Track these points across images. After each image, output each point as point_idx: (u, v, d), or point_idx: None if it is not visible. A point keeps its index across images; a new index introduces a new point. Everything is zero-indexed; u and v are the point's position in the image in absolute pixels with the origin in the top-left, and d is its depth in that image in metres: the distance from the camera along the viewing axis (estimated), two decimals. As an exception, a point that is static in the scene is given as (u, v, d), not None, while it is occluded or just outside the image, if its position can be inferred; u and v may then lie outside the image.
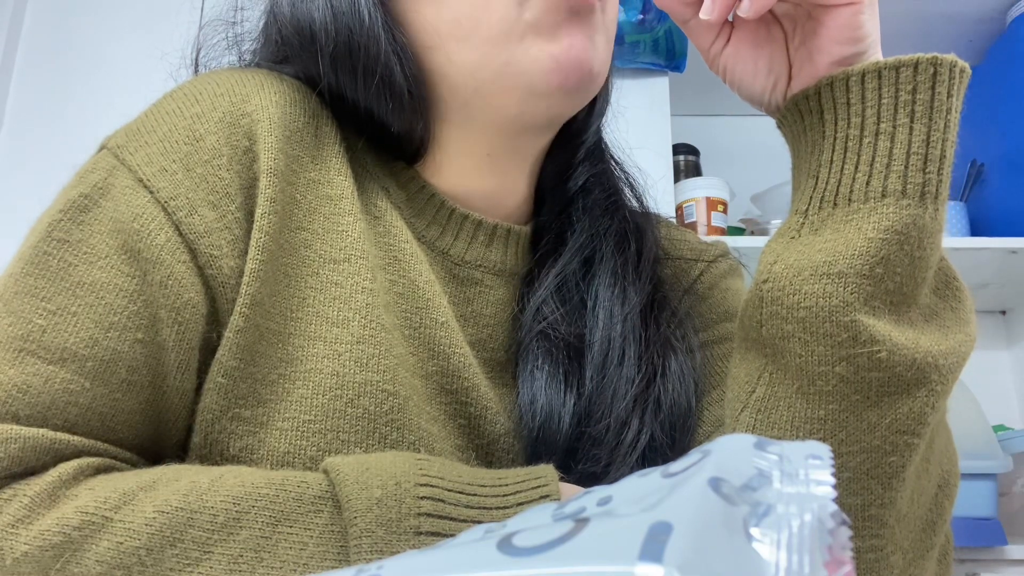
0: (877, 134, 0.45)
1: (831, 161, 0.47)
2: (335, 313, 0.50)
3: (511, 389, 0.57)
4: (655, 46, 1.59)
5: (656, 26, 1.57)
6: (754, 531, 0.18)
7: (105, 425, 0.47)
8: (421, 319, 0.54)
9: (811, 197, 0.47)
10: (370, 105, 0.55)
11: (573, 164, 0.64)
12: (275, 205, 0.50)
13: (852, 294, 0.44)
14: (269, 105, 0.52)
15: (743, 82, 0.53)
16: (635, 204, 0.68)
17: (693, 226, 1.61)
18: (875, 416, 0.44)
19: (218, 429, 0.48)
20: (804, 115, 0.49)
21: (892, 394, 0.44)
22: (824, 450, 0.21)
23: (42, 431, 0.44)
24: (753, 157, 2.00)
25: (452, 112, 0.57)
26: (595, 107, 0.64)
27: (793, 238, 0.47)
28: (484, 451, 0.55)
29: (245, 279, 0.48)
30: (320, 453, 0.48)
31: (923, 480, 0.48)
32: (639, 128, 1.59)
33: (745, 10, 0.46)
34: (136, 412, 0.48)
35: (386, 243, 0.55)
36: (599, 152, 0.67)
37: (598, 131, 0.66)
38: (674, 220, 1.60)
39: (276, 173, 0.50)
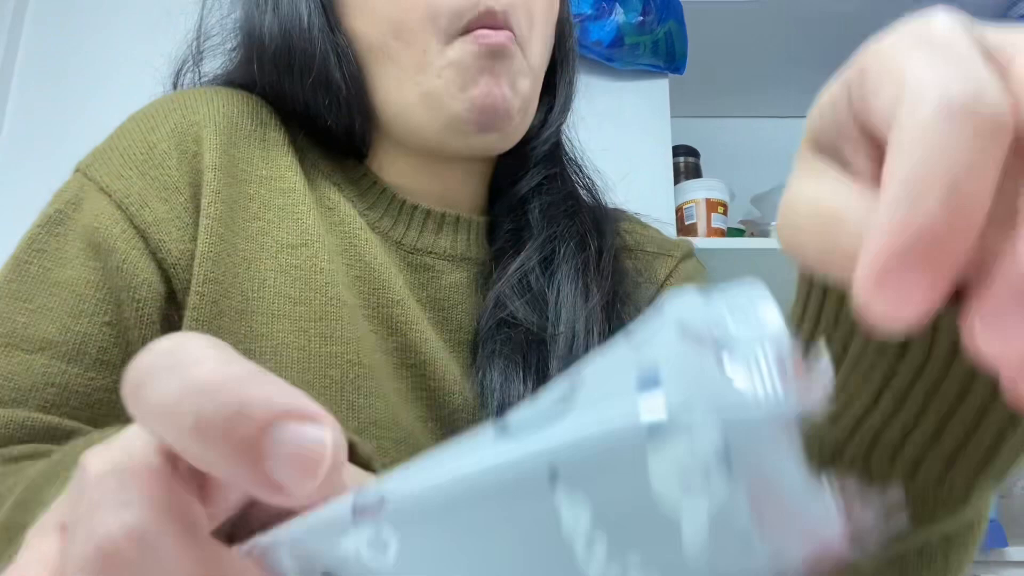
0: None
1: None
2: (296, 292, 0.53)
3: (475, 369, 0.59)
4: (655, 48, 1.59)
5: (656, 28, 1.57)
6: (725, 366, 0.18)
7: (84, 404, 0.50)
8: (378, 299, 0.56)
9: None
10: (308, 100, 0.58)
11: (525, 167, 0.65)
12: (220, 196, 0.54)
13: None
14: (215, 114, 0.57)
15: None
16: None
17: (693, 227, 1.61)
18: None
19: None
20: None
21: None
22: (762, 288, 0.20)
23: (17, 412, 0.48)
24: (753, 159, 2.00)
25: (386, 119, 0.59)
26: (547, 119, 0.65)
27: None
28: (446, 422, 0.57)
29: (196, 260, 0.52)
30: None
31: None
32: (639, 130, 1.59)
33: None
34: (112, 390, 0.51)
35: (341, 231, 0.57)
36: (555, 156, 0.67)
37: (551, 140, 0.66)
38: (674, 222, 1.61)
39: (220, 169, 0.55)
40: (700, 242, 1.53)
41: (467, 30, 0.54)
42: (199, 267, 0.52)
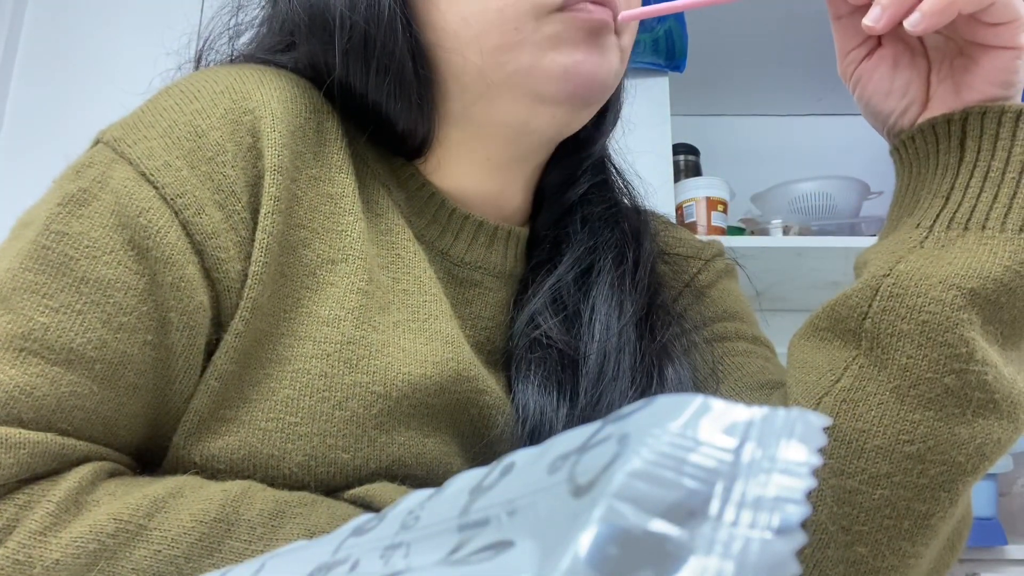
0: (1023, 172, 0.47)
1: (967, 186, 0.48)
2: (326, 312, 0.49)
3: (508, 392, 0.57)
4: (655, 46, 1.59)
5: (656, 26, 1.57)
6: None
7: (107, 429, 0.46)
8: (429, 312, 0.53)
9: (938, 214, 0.48)
10: (378, 100, 0.54)
11: (576, 175, 0.64)
12: (279, 204, 0.48)
13: (977, 313, 0.45)
14: (271, 101, 0.50)
15: (873, 99, 0.52)
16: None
17: (693, 226, 1.61)
18: (966, 433, 0.46)
19: (202, 429, 0.47)
20: (940, 138, 0.49)
21: (986, 417, 0.46)
22: (816, 436, 0.14)
23: (49, 436, 0.43)
24: (753, 157, 2.00)
25: (456, 113, 0.56)
26: (604, 121, 0.64)
27: (915, 248, 0.48)
28: (488, 444, 0.54)
29: (248, 282, 0.47)
30: (307, 459, 0.47)
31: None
32: (639, 128, 1.58)
33: (914, 24, 0.45)
34: (138, 416, 0.47)
35: (388, 241, 0.54)
36: (602, 164, 0.66)
37: (604, 146, 0.66)
38: (674, 220, 1.60)
39: (280, 170, 0.49)
40: (700, 240, 1.53)
41: (565, 6, 0.51)
42: (250, 290, 0.47)
